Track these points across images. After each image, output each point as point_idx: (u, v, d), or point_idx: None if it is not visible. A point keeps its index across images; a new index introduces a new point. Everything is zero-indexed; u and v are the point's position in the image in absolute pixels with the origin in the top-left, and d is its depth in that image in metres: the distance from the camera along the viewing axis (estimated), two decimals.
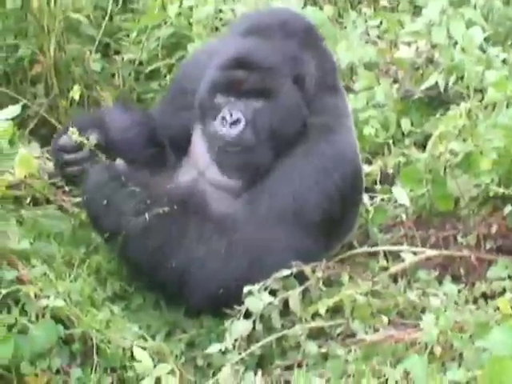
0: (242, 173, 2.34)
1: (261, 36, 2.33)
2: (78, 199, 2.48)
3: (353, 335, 2.16)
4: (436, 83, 2.89)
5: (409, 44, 3.06)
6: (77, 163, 2.38)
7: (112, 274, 2.38)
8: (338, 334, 2.19)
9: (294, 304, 2.16)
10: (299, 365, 2.12)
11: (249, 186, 2.35)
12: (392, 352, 2.07)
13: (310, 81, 2.36)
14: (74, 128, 2.37)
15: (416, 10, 3.44)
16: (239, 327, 2.10)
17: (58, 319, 2.07)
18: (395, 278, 2.38)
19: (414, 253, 2.45)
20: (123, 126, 2.54)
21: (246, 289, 2.12)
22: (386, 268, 2.41)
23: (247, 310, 2.12)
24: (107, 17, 3.24)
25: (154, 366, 2.01)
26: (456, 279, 2.42)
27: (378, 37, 3.26)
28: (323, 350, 2.14)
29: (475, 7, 3.11)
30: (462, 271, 2.44)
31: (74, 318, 2.07)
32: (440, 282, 2.38)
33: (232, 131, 2.29)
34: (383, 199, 2.66)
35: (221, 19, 3.15)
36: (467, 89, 2.75)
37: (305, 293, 2.19)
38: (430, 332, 2.02)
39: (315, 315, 2.17)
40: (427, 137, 2.75)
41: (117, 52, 3.31)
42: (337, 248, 2.44)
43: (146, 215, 2.22)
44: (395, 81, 3.04)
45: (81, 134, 2.37)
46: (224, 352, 2.11)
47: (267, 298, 2.12)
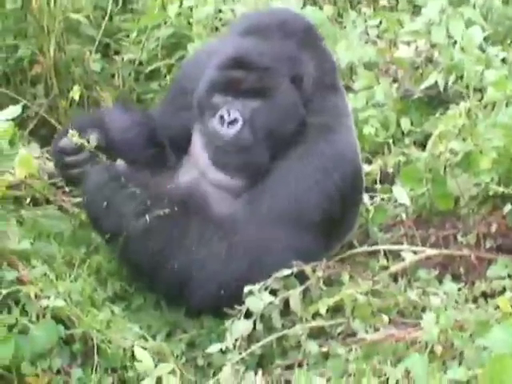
0: (239, 172, 2.35)
1: (259, 36, 2.34)
2: (78, 199, 2.48)
3: (353, 334, 2.16)
4: (435, 82, 2.90)
5: (408, 43, 3.06)
6: (77, 165, 2.38)
7: (112, 274, 2.38)
8: (339, 334, 2.19)
9: (295, 304, 2.16)
10: (300, 364, 2.12)
11: (249, 186, 2.35)
12: (393, 351, 2.07)
13: (308, 81, 2.36)
14: (74, 130, 2.37)
15: (415, 10, 3.44)
16: (240, 327, 2.10)
17: (59, 319, 2.07)
18: (395, 278, 2.38)
19: (414, 252, 2.45)
20: (123, 127, 2.54)
21: (247, 289, 2.12)
22: (387, 267, 2.41)
23: (248, 310, 2.11)
24: (107, 17, 3.25)
25: (155, 366, 2.01)
26: (456, 278, 2.42)
27: (378, 36, 3.26)
28: (324, 350, 2.14)
29: (474, 7, 3.12)
30: (462, 270, 2.44)
31: (75, 318, 2.08)
32: (440, 281, 2.38)
33: (230, 131, 2.29)
34: (383, 199, 2.66)
35: (220, 19, 3.16)
36: (467, 88, 2.75)
37: (305, 292, 2.19)
38: (431, 331, 2.02)
39: (316, 315, 2.17)
40: (427, 136, 2.76)
41: (117, 52, 3.31)
42: (337, 248, 2.44)
43: (147, 217, 2.22)
44: (395, 80, 3.04)
45: (81, 135, 2.37)
46: (224, 352, 2.10)
47: (268, 298, 2.12)
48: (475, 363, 1.93)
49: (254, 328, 2.11)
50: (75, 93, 2.80)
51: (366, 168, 2.70)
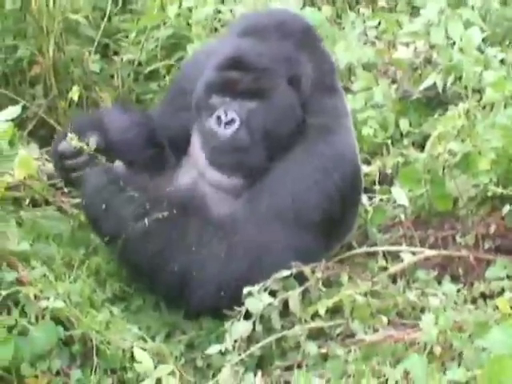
0: (236, 172, 2.35)
1: (257, 37, 2.34)
2: (77, 200, 2.48)
3: (352, 335, 2.16)
4: (434, 83, 2.90)
5: (407, 44, 3.06)
6: (77, 168, 2.38)
7: (112, 275, 2.38)
8: (338, 335, 2.19)
9: (294, 305, 2.16)
10: (299, 365, 2.12)
11: (248, 186, 2.35)
12: (392, 352, 2.07)
13: (306, 82, 2.36)
14: (73, 132, 2.37)
15: (414, 11, 3.44)
16: (239, 328, 2.10)
17: (58, 320, 2.07)
18: (394, 278, 2.39)
19: (413, 253, 2.46)
20: (122, 127, 2.54)
21: (246, 290, 2.12)
22: (385, 268, 2.41)
23: (247, 311, 2.12)
24: (106, 17, 3.24)
25: (154, 367, 2.01)
26: (455, 279, 2.42)
27: (377, 37, 3.26)
28: (323, 351, 2.14)
29: (473, 8, 3.11)
30: (461, 271, 2.44)
31: (74, 320, 2.08)
32: (439, 282, 2.38)
33: (226, 131, 2.29)
34: (382, 199, 2.66)
35: (220, 20, 3.15)
36: (465, 89, 2.75)
37: (304, 293, 2.19)
38: (430, 332, 2.03)
39: (315, 316, 2.17)
40: (426, 137, 2.75)
41: (116, 53, 3.31)
42: (336, 248, 2.44)
43: (146, 220, 2.22)
44: (393, 81, 3.04)
45: (80, 137, 2.37)
46: (224, 353, 2.11)
47: (267, 299, 2.12)
48: (474, 364, 1.93)
49: (254, 329, 2.11)
50: (74, 93, 2.80)
51: (365, 169, 2.70)
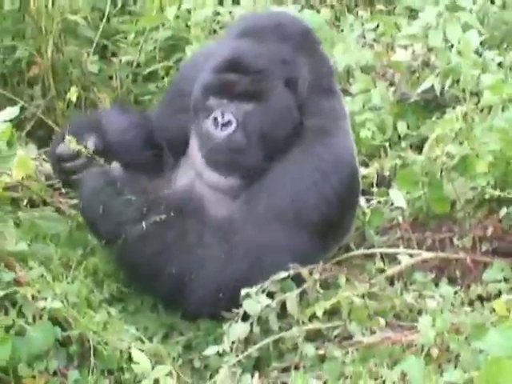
0: (233, 173, 2.35)
1: (255, 39, 2.34)
2: (75, 201, 2.48)
3: (350, 337, 2.17)
4: (432, 86, 2.90)
5: (405, 47, 3.07)
6: (75, 171, 2.38)
7: (109, 276, 2.38)
8: (335, 336, 2.19)
9: (292, 306, 2.16)
10: (296, 367, 2.12)
11: (246, 188, 2.35)
12: (389, 354, 2.07)
13: (304, 84, 2.36)
14: (71, 134, 2.38)
15: (412, 14, 3.45)
16: (237, 329, 2.10)
17: (56, 321, 2.07)
18: (392, 280, 2.39)
19: (411, 255, 2.46)
20: (120, 128, 2.54)
21: (244, 291, 2.12)
22: (383, 270, 2.41)
23: (245, 313, 2.12)
24: (105, 19, 3.25)
25: (152, 368, 2.01)
26: (452, 281, 2.42)
27: (375, 40, 3.26)
28: (320, 352, 2.13)
29: (471, 11, 3.12)
30: (458, 273, 2.45)
31: (72, 320, 2.08)
32: (436, 284, 2.38)
33: (223, 133, 2.30)
34: (380, 202, 2.66)
35: (218, 22, 3.16)
36: (463, 92, 2.76)
37: (302, 295, 2.19)
38: (427, 334, 2.03)
39: (312, 317, 2.17)
40: (423, 140, 2.76)
41: (114, 54, 3.31)
42: (334, 250, 2.45)
43: (143, 223, 2.22)
44: (392, 84, 3.05)
45: (78, 139, 2.37)
46: (221, 354, 2.11)
47: (265, 301, 2.13)
48: (471, 366, 1.94)
49: (251, 330, 2.11)
50: (72, 94, 2.81)
51: (363, 171, 2.70)
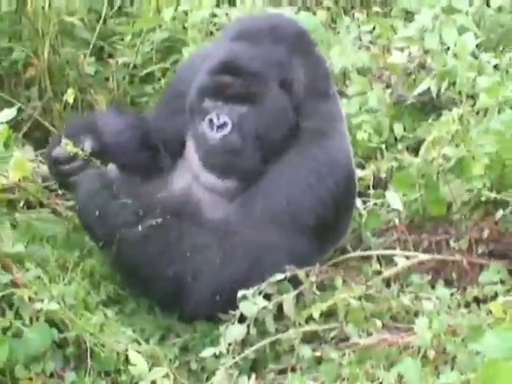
0: (229, 175, 2.35)
1: (250, 41, 2.34)
2: (72, 203, 2.48)
3: (346, 339, 2.17)
4: (428, 88, 2.90)
5: (401, 49, 3.07)
6: (72, 173, 2.38)
7: (106, 278, 2.37)
8: (332, 338, 2.19)
9: (288, 308, 2.16)
10: (293, 369, 2.12)
11: (243, 190, 2.35)
12: (385, 356, 2.07)
13: (299, 85, 2.36)
14: (68, 136, 2.38)
15: (408, 16, 3.45)
16: (233, 331, 2.10)
17: (52, 323, 2.07)
18: (388, 282, 2.39)
19: (407, 257, 2.46)
20: (117, 130, 2.54)
21: (241, 293, 2.13)
22: (380, 272, 2.41)
23: (241, 315, 2.12)
24: (101, 20, 3.25)
25: (149, 370, 2.01)
26: (448, 283, 2.42)
27: (371, 42, 3.26)
28: (317, 354, 2.14)
29: (467, 14, 3.13)
30: (455, 275, 2.45)
31: (68, 322, 2.07)
32: (433, 286, 2.38)
33: (218, 134, 2.30)
34: (376, 204, 2.66)
35: (215, 24, 3.16)
36: (459, 94, 2.77)
37: (299, 297, 2.20)
38: (424, 336, 2.03)
39: (309, 319, 2.17)
40: (420, 142, 2.76)
41: (111, 55, 3.31)
42: (330, 252, 2.45)
43: (140, 227, 2.22)
44: (388, 86, 3.05)
45: (74, 141, 2.38)
46: (218, 356, 2.10)
47: (261, 303, 2.13)
48: (468, 368, 1.94)
49: (248, 332, 2.11)
50: (69, 96, 2.80)
51: (359, 173, 2.70)
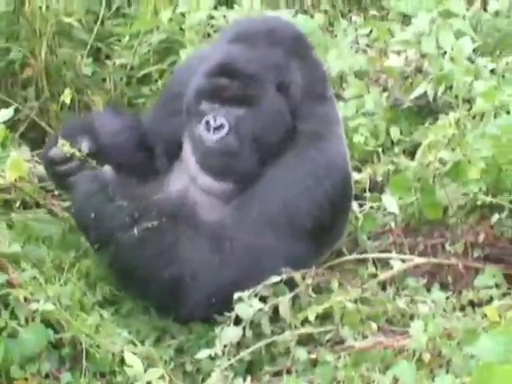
0: (226, 177, 2.36)
1: (247, 43, 2.34)
2: (68, 203, 2.48)
3: (342, 342, 2.17)
4: (425, 92, 2.91)
5: (398, 53, 3.07)
6: (68, 174, 2.38)
7: (102, 279, 2.37)
8: (328, 341, 2.19)
9: (284, 310, 2.16)
10: (288, 371, 2.12)
11: (240, 192, 2.35)
12: (381, 358, 2.08)
13: (296, 88, 2.36)
14: (64, 137, 2.38)
15: (405, 20, 3.45)
16: (229, 333, 2.10)
17: (48, 323, 2.07)
18: (384, 285, 2.39)
19: (403, 260, 2.46)
20: (113, 131, 2.54)
21: (237, 295, 2.13)
22: (375, 275, 2.41)
23: (237, 316, 2.12)
24: (99, 21, 3.25)
25: (144, 371, 2.01)
26: (444, 287, 2.43)
27: (368, 45, 3.27)
28: (312, 357, 2.14)
29: (464, 18, 3.13)
30: (450, 279, 2.45)
31: (64, 323, 2.08)
32: (428, 290, 2.39)
33: (215, 136, 2.30)
34: (372, 207, 2.67)
35: (213, 26, 3.16)
36: (456, 98, 2.78)
37: (295, 299, 2.20)
38: (419, 339, 2.04)
39: (305, 321, 2.17)
40: (416, 145, 2.76)
41: (108, 56, 3.31)
42: (327, 254, 2.45)
43: (136, 229, 2.22)
44: (385, 89, 3.05)
45: (71, 142, 2.37)
46: (213, 358, 2.11)
47: (257, 305, 2.13)
48: (463, 371, 1.95)
49: (244, 334, 2.11)
50: (66, 96, 2.80)
51: (356, 176, 2.70)
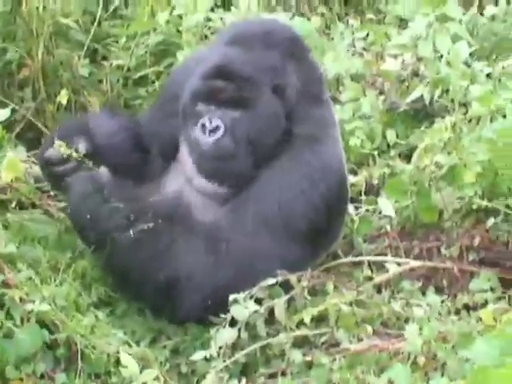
0: (221, 179, 2.36)
1: (244, 45, 2.35)
2: (64, 204, 2.48)
3: (337, 344, 2.17)
4: (421, 96, 2.91)
5: (395, 56, 3.08)
6: (64, 175, 2.38)
7: (97, 280, 2.37)
8: (323, 343, 2.19)
9: (279, 312, 2.16)
10: (283, 373, 2.13)
11: (235, 194, 2.36)
12: (376, 361, 2.08)
13: (292, 91, 2.36)
14: (61, 138, 2.38)
15: (402, 24, 3.46)
16: (224, 335, 2.10)
17: (43, 324, 2.07)
18: (379, 288, 2.39)
19: (398, 263, 2.47)
20: (109, 132, 2.54)
21: (232, 297, 2.13)
22: (371, 278, 2.42)
23: (232, 318, 2.12)
24: (96, 22, 3.25)
25: (140, 372, 2.01)
26: (439, 290, 2.43)
27: (365, 49, 3.27)
28: (307, 359, 2.14)
29: (461, 22, 3.14)
30: (445, 282, 2.46)
31: (59, 323, 2.07)
32: (423, 293, 2.39)
33: (211, 138, 2.30)
34: (368, 210, 2.67)
35: (210, 28, 3.16)
36: (452, 102, 2.78)
37: (290, 301, 2.20)
38: (414, 342, 2.04)
39: (300, 324, 2.17)
40: (412, 149, 2.77)
41: (105, 58, 3.31)
42: (322, 257, 2.45)
43: (131, 231, 2.22)
44: (381, 93, 3.06)
45: (67, 143, 2.37)
46: (208, 359, 2.11)
47: (253, 307, 2.13)
48: (458, 374, 1.95)
49: (239, 336, 2.12)
50: (63, 97, 2.80)
51: (352, 179, 2.71)
